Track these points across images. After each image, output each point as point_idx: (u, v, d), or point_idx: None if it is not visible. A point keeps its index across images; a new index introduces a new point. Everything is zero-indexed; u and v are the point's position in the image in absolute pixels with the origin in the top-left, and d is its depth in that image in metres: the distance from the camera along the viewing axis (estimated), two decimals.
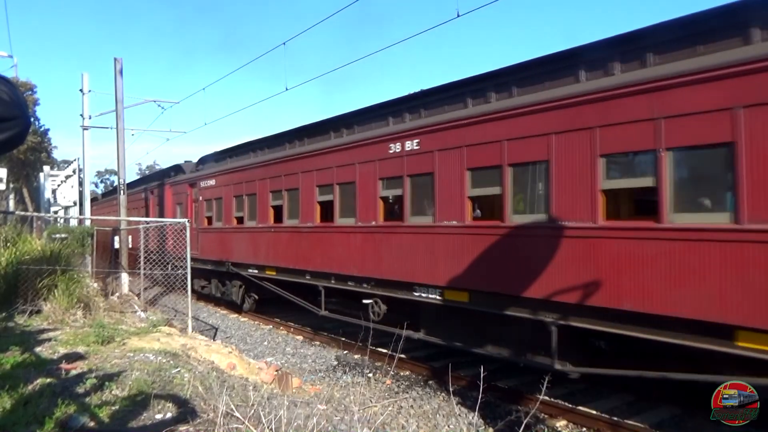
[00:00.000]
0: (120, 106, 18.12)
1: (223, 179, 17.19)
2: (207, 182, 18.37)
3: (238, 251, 15.86)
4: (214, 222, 17.82)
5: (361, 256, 11.02)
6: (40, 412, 5.09)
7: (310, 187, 12.74)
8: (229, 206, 16.67)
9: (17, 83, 37.48)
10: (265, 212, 14.60)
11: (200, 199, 18.71)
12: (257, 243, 14.90)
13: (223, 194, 17.03)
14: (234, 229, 16.31)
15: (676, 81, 6.17)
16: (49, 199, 32.14)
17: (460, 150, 8.89)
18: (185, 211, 20.00)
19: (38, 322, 9.83)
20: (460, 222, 8.91)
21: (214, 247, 17.48)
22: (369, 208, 10.85)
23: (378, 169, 10.63)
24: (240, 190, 16.03)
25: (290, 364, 11.28)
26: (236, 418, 4.97)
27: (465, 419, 7.86)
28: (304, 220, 12.93)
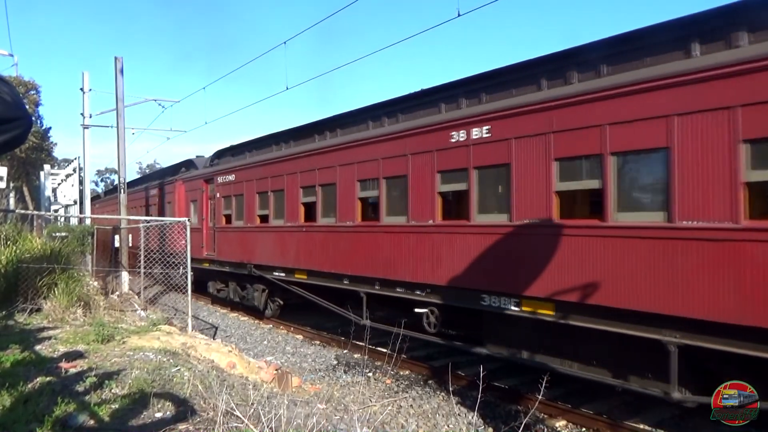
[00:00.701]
0: (120, 105, 18.12)
1: (245, 174, 15.72)
2: (225, 177, 16.86)
3: (262, 252, 14.61)
4: (234, 220, 16.37)
5: (414, 259, 9.80)
6: (40, 411, 5.09)
7: (349, 182, 11.47)
8: (251, 203, 15.33)
9: (20, 82, 37.53)
10: (295, 210, 13.37)
11: (217, 196, 17.31)
12: (285, 244, 13.65)
13: (245, 190, 15.65)
14: (257, 228, 15.04)
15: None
16: (49, 197, 32.15)
17: (544, 138, 7.64)
18: (200, 209, 18.69)
19: (38, 321, 9.84)
20: (547, 220, 7.65)
21: (234, 248, 16.13)
22: (424, 206, 9.64)
23: (436, 160, 9.40)
24: (264, 186, 14.68)
25: (290, 363, 11.29)
26: (236, 417, 4.97)
27: (464, 419, 7.86)
28: (342, 218, 11.69)
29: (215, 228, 17.37)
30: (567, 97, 7.47)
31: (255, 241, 15.08)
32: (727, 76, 5.89)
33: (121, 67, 18.04)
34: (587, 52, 7.77)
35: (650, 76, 6.61)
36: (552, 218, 7.59)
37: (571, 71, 7.90)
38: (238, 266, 15.81)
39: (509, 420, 7.86)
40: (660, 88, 6.44)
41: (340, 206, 11.81)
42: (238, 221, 16.12)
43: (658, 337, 6.44)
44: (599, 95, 7.04)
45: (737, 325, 5.74)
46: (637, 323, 6.66)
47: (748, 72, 5.73)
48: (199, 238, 17.81)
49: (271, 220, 14.39)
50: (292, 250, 13.40)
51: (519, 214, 8.06)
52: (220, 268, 17.07)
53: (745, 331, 5.69)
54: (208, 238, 17.93)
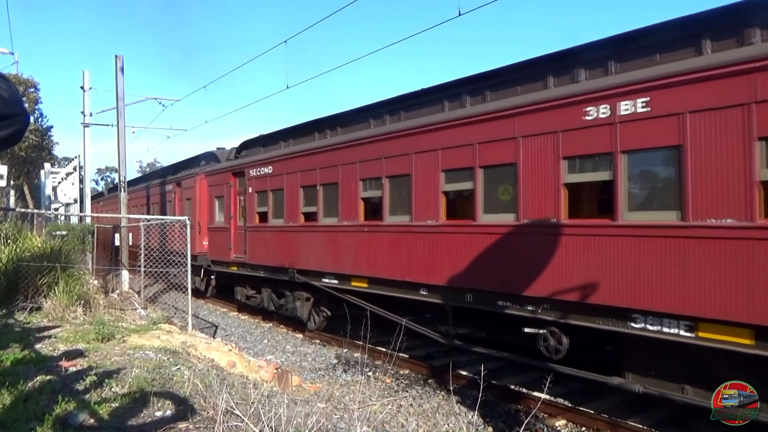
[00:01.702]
0: (121, 104, 18.12)
1: (286, 165, 13.71)
2: (260, 170, 14.83)
3: (308, 256, 12.70)
4: (271, 219, 14.39)
5: (529, 267, 7.85)
6: (40, 409, 5.10)
7: (430, 173, 9.54)
8: (294, 199, 13.37)
9: (20, 81, 37.52)
10: (353, 206, 11.43)
11: (249, 191, 15.32)
12: (339, 246, 11.75)
13: (285, 184, 13.64)
14: (302, 227, 13.09)
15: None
16: (49, 196, 32.17)
17: (740, 109, 5.89)
18: (227, 206, 16.68)
19: (38, 319, 9.85)
20: (743, 220, 5.87)
21: (271, 251, 14.17)
22: (544, 201, 7.70)
23: (560, 144, 7.46)
24: (311, 179, 12.70)
25: (290, 362, 11.29)
26: (236, 416, 4.97)
27: (464, 418, 7.86)
28: (420, 216, 9.73)
29: (246, 227, 15.38)
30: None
31: (299, 242, 13.13)
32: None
33: (122, 66, 18.03)
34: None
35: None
36: (756, 218, 5.81)
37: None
38: (276, 271, 13.93)
39: (509, 419, 7.87)
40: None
41: (417, 202, 9.85)
42: (277, 220, 14.19)
43: None
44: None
45: None
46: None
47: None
48: (226, 238, 16.52)
49: (321, 218, 12.42)
50: (349, 254, 11.48)
51: (698, 210, 6.20)
52: (252, 272, 15.17)
53: None
54: (237, 239, 16.09)
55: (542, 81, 8.33)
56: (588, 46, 7.87)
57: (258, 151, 16.18)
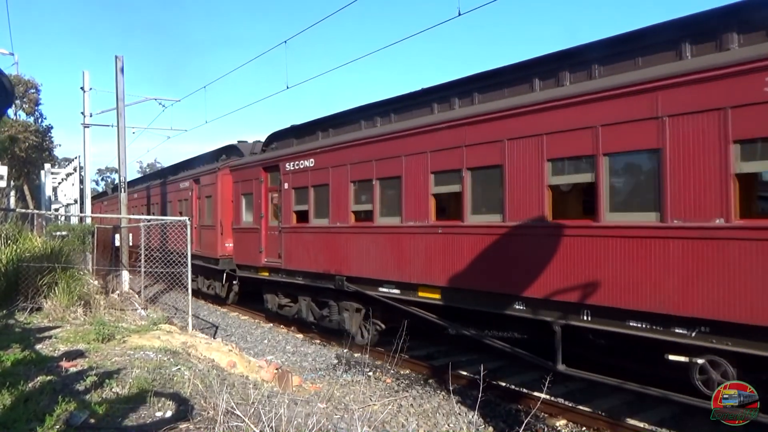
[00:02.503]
0: (121, 104, 18.11)
1: (332, 157, 12.04)
2: (299, 163, 13.13)
3: (361, 261, 11.13)
4: (313, 218, 12.72)
5: (683, 280, 6.33)
6: (41, 410, 5.10)
7: (529, 165, 7.87)
8: (342, 196, 11.72)
9: (20, 81, 37.55)
10: (421, 204, 9.75)
11: (285, 187, 13.58)
12: (402, 250, 10.16)
13: (331, 179, 12.00)
14: (353, 229, 11.49)
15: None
16: (50, 196, 32.21)
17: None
18: (257, 204, 14.98)
19: (39, 320, 9.85)
20: None
21: (313, 254, 12.56)
22: (703, 194, 6.23)
23: (729, 125, 5.97)
24: (365, 173, 11.01)
25: (290, 363, 11.30)
26: (236, 416, 4.98)
27: (465, 418, 7.86)
28: (515, 215, 8.10)
29: (281, 228, 13.67)
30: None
31: (349, 246, 11.50)
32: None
33: (122, 66, 18.03)
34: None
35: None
36: None
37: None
38: (319, 278, 12.39)
39: (509, 419, 7.87)
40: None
41: (511, 199, 8.14)
42: (320, 219, 12.50)
43: None
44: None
45: None
46: None
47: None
48: (255, 240, 14.88)
49: (377, 218, 10.86)
50: (416, 260, 9.86)
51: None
52: (288, 279, 13.52)
53: None
54: (269, 241, 14.43)
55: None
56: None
57: (290, 143, 14.44)
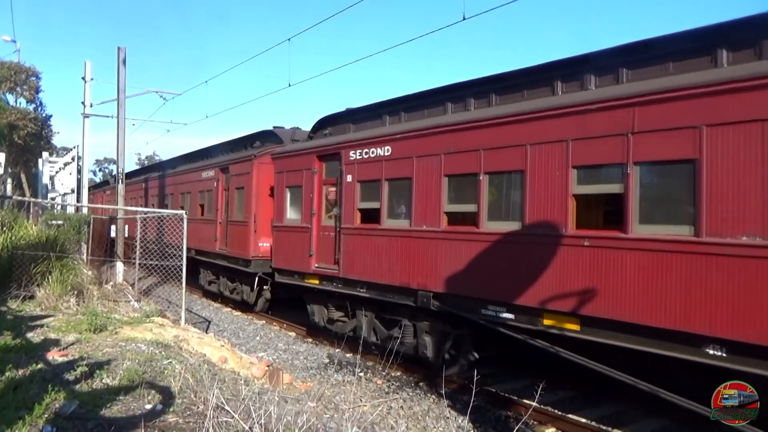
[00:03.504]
0: (122, 96, 18.10)
1: (418, 145, 9.77)
2: (368, 152, 10.89)
3: (456, 275, 8.96)
4: (386, 219, 10.46)
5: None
6: (30, 398, 5.09)
7: (742, 155, 5.82)
8: (431, 193, 9.47)
9: (21, 69, 37.44)
10: (555, 206, 7.57)
11: (347, 180, 11.39)
12: (520, 264, 8.00)
13: (416, 171, 9.74)
14: (446, 234, 9.20)
15: None
16: (47, 185, 32.14)
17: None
18: (307, 199, 12.61)
19: (31, 308, 9.82)
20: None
21: (385, 263, 10.35)
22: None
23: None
24: (468, 164, 8.82)
25: (282, 360, 11.28)
26: (226, 412, 4.97)
27: (455, 422, 7.86)
28: (718, 229, 5.97)
29: (341, 229, 11.48)
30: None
31: (439, 254, 9.29)
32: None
33: (124, 58, 18.03)
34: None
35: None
36: None
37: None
38: (390, 291, 10.26)
39: (499, 425, 7.87)
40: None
41: (715, 202, 6.03)
42: (397, 220, 10.28)
43: None
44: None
45: None
46: None
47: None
48: (302, 241, 12.65)
49: (484, 222, 8.60)
50: (546, 279, 7.63)
51: None
52: (346, 289, 11.36)
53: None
54: (322, 243, 12.24)
55: None
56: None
57: (345, 128, 12.39)
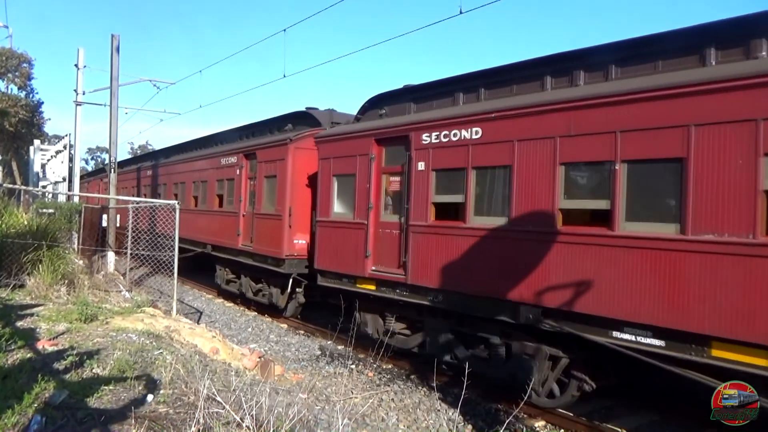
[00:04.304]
0: (115, 84, 17.94)
1: (520, 126, 7.90)
2: (449, 134, 8.97)
3: (576, 287, 7.12)
4: (473, 215, 8.58)
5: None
6: (19, 387, 5.06)
7: None
8: (538, 184, 7.64)
9: (13, 55, 37.05)
10: (735, 204, 5.95)
11: (420, 168, 9.47)
12: (676, 278, 6.32)
13: (517, 158, 7.86)
14: (563, 236, 7.34)
15: None
16: (38, 173, 31.89)
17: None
18: (362, 191, 10.72)
19: (21, 297, 9.75)
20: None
21: (472, 268, 8.47)
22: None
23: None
24: (595, 150, 7.05)
25: (273, 352, 11.28)
26: (217, 403, 4.96)
27: (445, 415, 7.90)
28: None
29: (409, 226, 9.60)
30: None
31: (552, 262, 7.42)
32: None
33: (118, 45, 17.85)
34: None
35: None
36: None
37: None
38: (477, 303, 8.40)
39: (489, 418, 7.91)
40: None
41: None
42: (488, 218, 8.43)
43: None
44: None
45: None
46: None
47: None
48: (355, 240, 10.81)
49: (620, 222, 6.78)
50: (713, 297, 5.99)
51: None
52: (415, 298, 9.52)
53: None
54: (380, 243, 10.38)
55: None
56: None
57: (405, 108, 10.60)
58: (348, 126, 11.99)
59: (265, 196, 14.33)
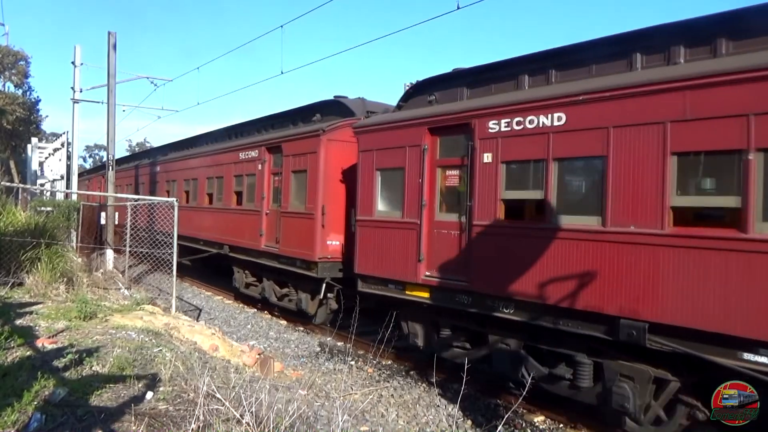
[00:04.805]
0: (112, 81, 17.88)
1: (618, 109, 6.73)
2: (526, 120, 7.71)
3: (692, 298, 6.00)
4: (556, 214, 7.33)
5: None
6: (19, 385, 5.06)
7: None
8: (641, 179, 6.51)
9: (9, 52, 36.92)
10: None
11: (485, 160, 8.25)
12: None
13: (613, 148, 6.71)
14: (673, 238, 6.21)
15: None
16: (36, 171, 31.83)
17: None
18: (412, 186, 9.43)
19: (20, 295, 9.75)
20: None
21: (556, 275, 7.21)
22: None
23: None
24: (713, 137, 5.99)
25: (273, 349, 11.29)
26: (217, 400, 4.97)
27: (445, 410, 7.92)
28: None
29: (473, 226, 8.34)
30: None
31: (658, 268, 6.26)
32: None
33: (114, 43, 17.79)
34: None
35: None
36: None
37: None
38: (561, 315, 7.14)
39: (488, 413, 7.94)
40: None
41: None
42: (574, 217, 7.15)
43: None
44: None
45: None
46: None
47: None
48: (403, 241, 9.60)
49: (755, 223, 5.69)
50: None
51: None
52: (479, 308, 8.27)
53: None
54: (438, 245, 9.11)
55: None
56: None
57: (456, 93, 9.34)
58: (393, 114, 10.58)
59: (292, 192, 13.10)
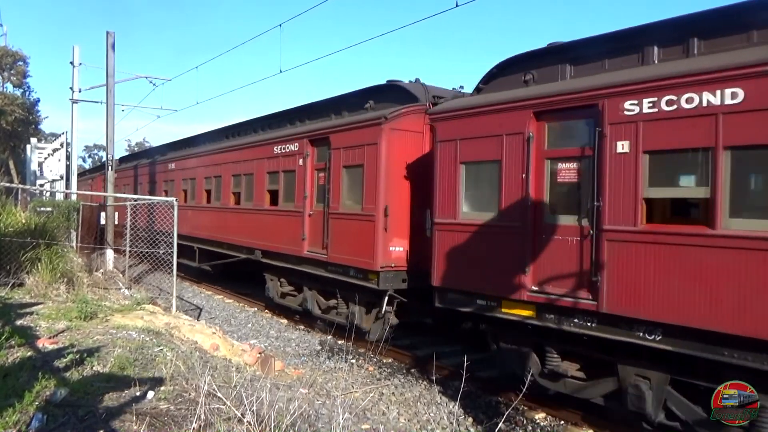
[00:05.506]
0: (111, 81, 17.87)
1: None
2: (681, 99, 6.09)
3: None
4: (727, 217, 5.77)
5: None
6: (20, 386, 5.07)
7: None
8: None
9: (7, 53, 36.92)
10: None
11: (621, 150, 6.61)
12: None
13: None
14: None
15: None
16: (35, 171, 31.84)
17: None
18: (511, 183, 7.81)
19: (20, 296, 9.75)
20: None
21: (728, 295, 5.58)
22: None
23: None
24: None
25: (274, 347, 11.30)
26: (218, 399, 4.97)
27: (446, 408, 7.92)
28: None
29: (601, 232, 6.72)
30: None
31: None
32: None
33: (113, 42, 17.78)
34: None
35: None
36: None
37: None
38: (732, 346, 5.59)
39: (489, 410, 7.94)
40: None
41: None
42: (754, 221, 5.65)
43: None
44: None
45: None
46: None
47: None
48: (499, 248, 7.99)
49: None
50: None
51: None
52: (610, 332, 6.66)
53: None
54: (549, 254, 7.51)
55: None
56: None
57: (555, 72, 7.83)
58: (481, 97, 8.69)
59: (344, 191, 11.35)
